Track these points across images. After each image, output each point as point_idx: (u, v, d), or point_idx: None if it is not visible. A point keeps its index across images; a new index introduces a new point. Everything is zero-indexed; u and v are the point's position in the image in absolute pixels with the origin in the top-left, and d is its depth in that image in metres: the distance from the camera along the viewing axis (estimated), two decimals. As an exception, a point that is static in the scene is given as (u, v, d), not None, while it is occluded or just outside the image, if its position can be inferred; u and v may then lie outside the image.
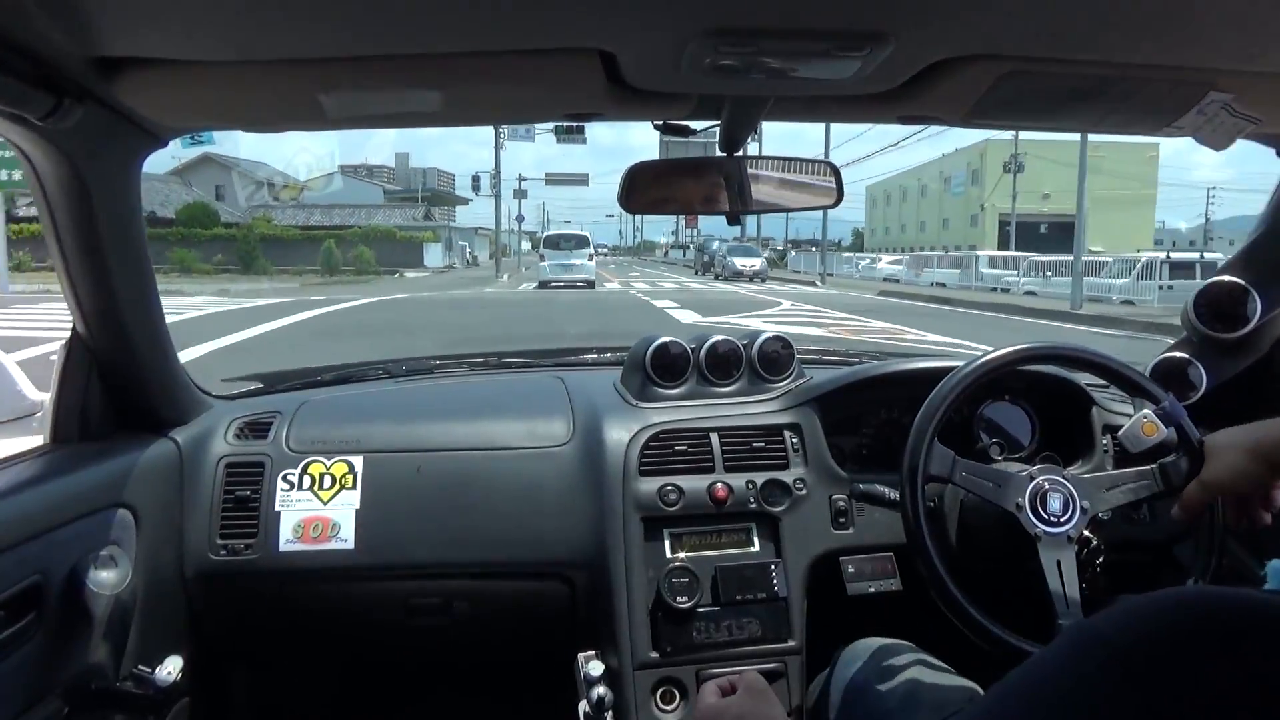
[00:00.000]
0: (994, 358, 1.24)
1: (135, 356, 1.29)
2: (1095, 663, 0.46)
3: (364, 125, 1.15)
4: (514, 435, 1.53)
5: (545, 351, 2.13)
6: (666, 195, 1.32)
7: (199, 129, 1.23)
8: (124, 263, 1.20)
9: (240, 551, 1.41)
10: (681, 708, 1.36)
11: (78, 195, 1.10)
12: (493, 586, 1.48)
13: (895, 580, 1.44)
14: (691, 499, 1.43)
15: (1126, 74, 0.96)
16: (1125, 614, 0.48)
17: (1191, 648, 0.44)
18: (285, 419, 1.53)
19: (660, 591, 1.36)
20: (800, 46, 0.85)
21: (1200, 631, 0.45)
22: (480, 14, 0.80)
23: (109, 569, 1.14)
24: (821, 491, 1.48)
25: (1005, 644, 1.11)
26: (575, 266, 23.17)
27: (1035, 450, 1.53)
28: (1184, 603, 0.47)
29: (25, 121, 0.94)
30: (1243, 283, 1.45)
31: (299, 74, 0.93)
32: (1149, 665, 0.44)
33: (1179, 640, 0.45)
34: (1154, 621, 0.46)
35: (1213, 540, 1.15)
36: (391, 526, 1.43)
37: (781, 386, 1.60)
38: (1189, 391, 1.46)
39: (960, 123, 1.16)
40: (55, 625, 1.07)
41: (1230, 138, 1.06)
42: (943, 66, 0.93)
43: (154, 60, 0.90)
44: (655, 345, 1.60)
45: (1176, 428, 1.14)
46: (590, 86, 0.98)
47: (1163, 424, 1.14)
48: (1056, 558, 1.14)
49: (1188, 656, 0.44)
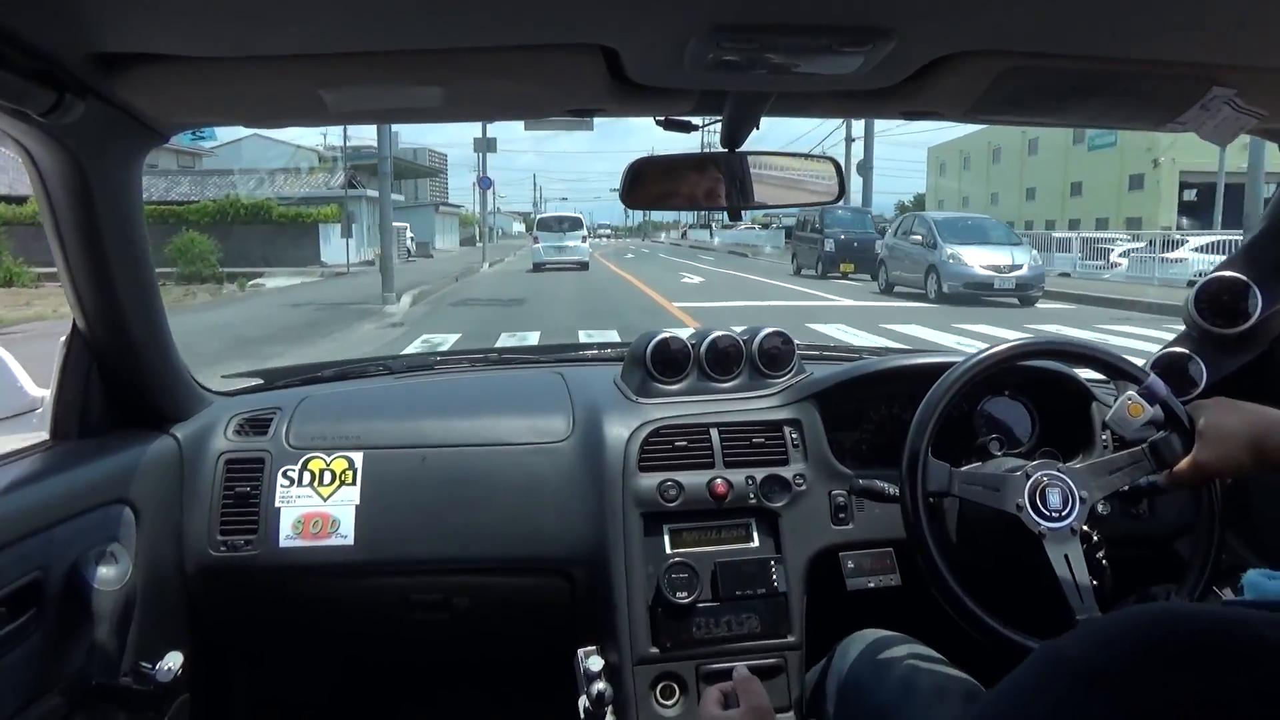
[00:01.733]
0: (992, 353, 1.24)
1: (135, 352, 1.29)
2: (1062, 683, 0.46)
3: (366, 120, 1.15)
4: (514, 431, 1.53)
5: (545, 347, 2.14)
6: (668, 190, 1.32)
7: (200, 125, 1.23)
8: (124, 258, 1.20)
9: (240, 548, 1.41)
10: (681, 703, 1.36)
11: (78, 191, 1.09)
12: (492, 582, 1.48)
13: (895, 575, 1.45)
14: (691, 494, 1.43)
15: (1129, 69, 0.95)
16: (1090, 634, 0.48)
17: (1157, 666, 0.44)
18: (285, 415, 1.53)
19: (660, 587, 1.36)
20: (803, 42, 0.85)
21: (1166, 649, 0.45)
22: (482, 9, 0.80)
23: (109, 565, 1.14)
24: (821, 487, 1.48)
25: (1005, 639, 1.11)
26: (569, 248, 23.04)
27: (1035, 445, 1.54)
28: (1149, 621, 0.47)
29: (26, 117, 0.93)
30: (1244, 278, 1.45)
31: (301, 70, 0.93)
32: (1115, 685, 0.44)
33: (1144, 659, 0.45)
34: (1119, 641, 0.47)
35: (1211, 533, 1.15)
36: (391, 522, 1.43)
37: (782, 382, 1.60)
38: (1189, 387, 1.46)
39: (962, 118, 1.15)
40: (55, 622, 1.07)
41: (1234, 133, 1.06)
42: (945, 62, 0.93)
43: (155, 56, 0.90)
44: (656, 341, 1.60)
45: (1162, 405, 1.14)
46: (592, 82, 0.98)
47: (1146, 403, 1.14)
48: (1064, 552, 1.14)
49: (1153, 675, 0.44)
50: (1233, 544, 1.30)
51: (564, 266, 22.49)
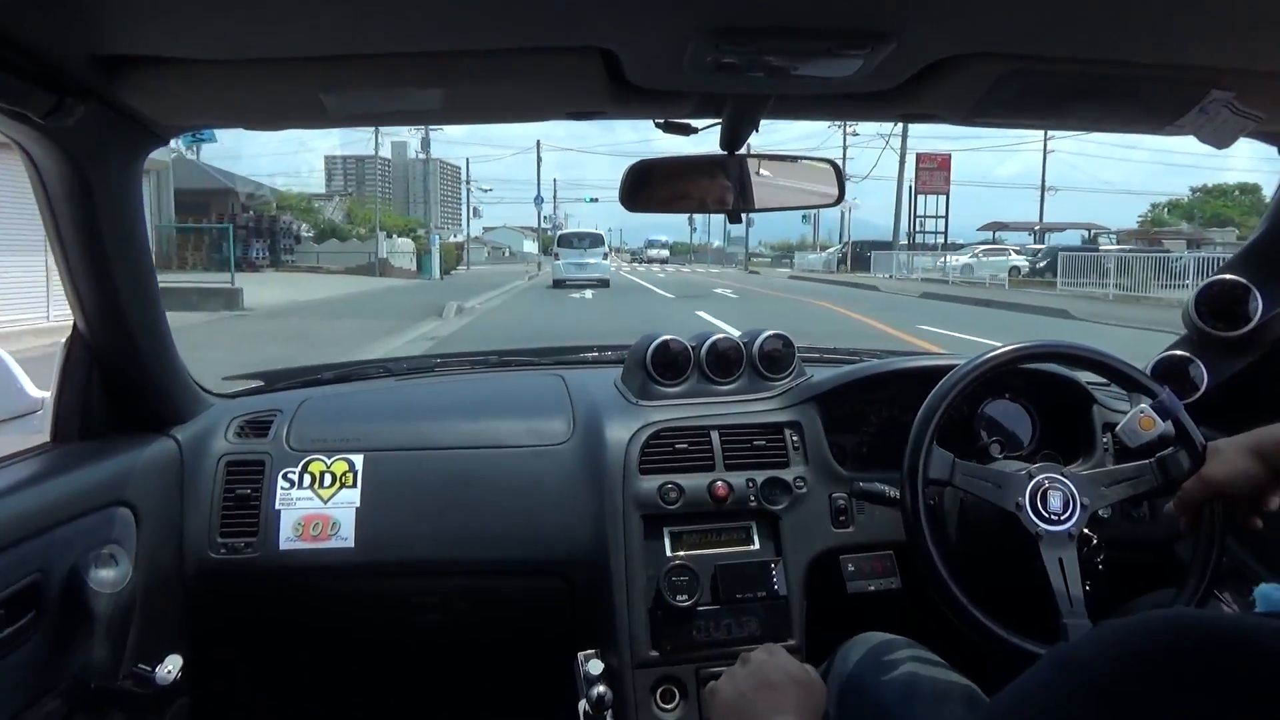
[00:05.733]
0: (994, 356, 1.24)
1: (136, 354, 1.29)
2: (1073, 689, 0.46)
3: (366, 123, 1.16)
4: (514, 433, 1.53)
5: (546, 350, 2.13)
6: (669, 193, 1.33)
7: (200, 127, 1.24)
8: (125, 261, 1.20)
9: (240, 550, 1.41)
10: (681, 706, 1.36)
11: (79, 193, 1.10)
12: (492, 585, 1.48)
13: (895, 579, 1.44)
14: (692, 497, 1.43)
15: (1128, 72, 0.95)
16: (1104, 639, 0.48)
17: (1169, 674, 0.44)
18: (286, 417, 1.53)
19: (660, 590, 1.36)
20: (802, 45, 0.85)
21: (1179, 658, 0.44)
22: (482, 12, 0.80)
23: (109, 567, 1.14)
24: (822, 490, 1.47)
25: (1005, 643, 1.11)
26: (589, 265, 23.12)
27: (1035, 448, 1.53)
28: (1163, 628, 0.47)
29: (26, 119, 0.94)
30: (1244, 281, 1.45)
31: (301, 72, 0.93)
32: (1127, 692, 0.44)
33: (1157, 667, 0.44)
34: (1132, 647, 0.46)
35: (1213, 539, 1.15)
36: (392, 525, 1.43)
37: (782, 385, 1.60)
38: (1190, 390, 1.46)
39: (962, 121, 1.15)
40: (55, 624, 1.07)
41: (1233, 136, 1.06)
42: (944, 65, 0.93)
43: (155, 58, 0.90)
44: (656, 343, 1.60)
45: (1174, 421, 1.14)
46: (592, 85, 0.98)
47: (1159, 417, 1.14)
48: (1059, 556, 1.14)
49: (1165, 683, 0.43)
50: (1233, 547, 1.30)
51: (585, 284, 22.45)
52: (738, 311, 15.24)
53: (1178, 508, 1.13)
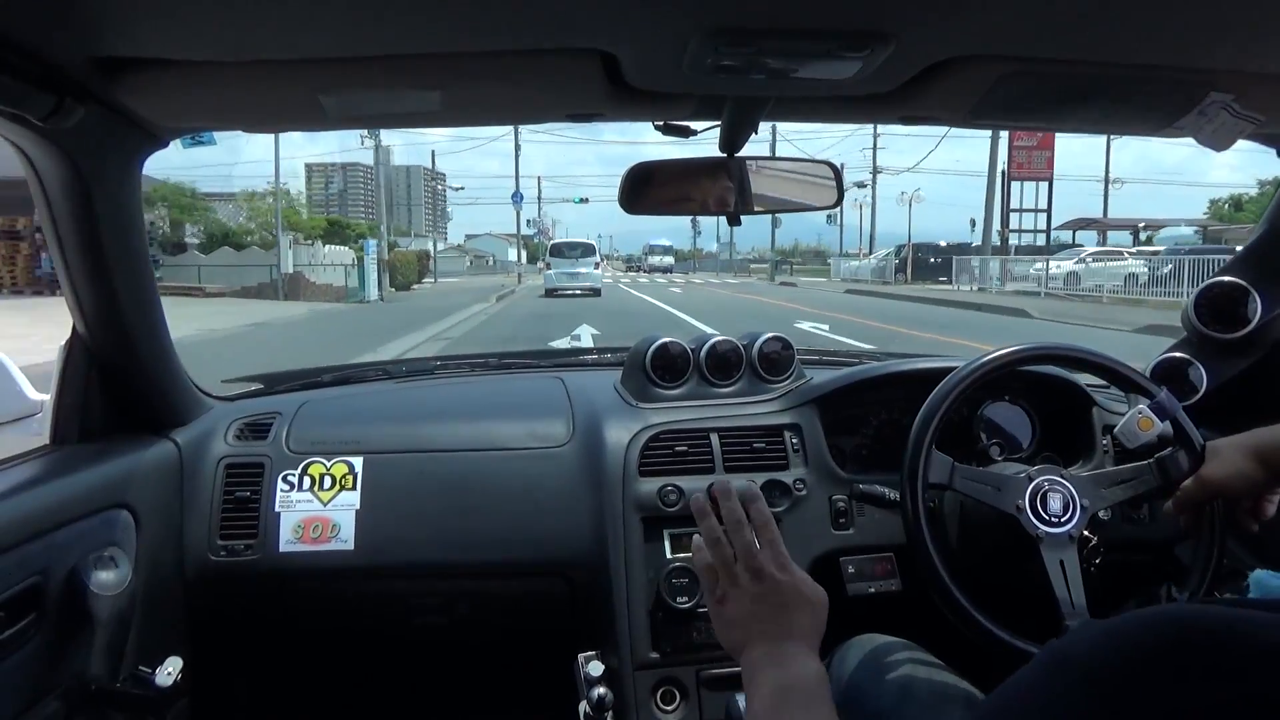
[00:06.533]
0: (993, 358, 1.24)
1: (135, 357, 1.29)
2: (1068, 684, 0.46)
3: (365, 125, 1.15)
4: (514, 436, 1.53)
5: (545, 352, 2.14)
6: (668, 196, 1.33)
7: (199, 129, 1.23)
8: (124, 263, 1.20)
9: (240, 552, 1.41)
10: (682, 708, 1.36)
11: (78, 195, 1.10)
12: (493, 587, 1.48)
13: (895, 581, 1.44)
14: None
15: (1127, 74, 0.96)
16: (1096, 635, 0.47)
17: (1163, 668, 0.44)
18: (285, 420, 1.53)
19: (660, 592, 1.36)
20: (801, 47, 0.85)
21: (1172, 652, 0.44)
22: (480, 14, 0.80)
23: (109, 570, 1.14)
24: (821, 492, 1.47)
25: (1005, 645, 1.10)
26: (581, 274, 23.12)
27: (1035, 450, 1.53)
28: (1156, 622, 0.47)
29: (26, 121, 0.94)
30: (1243, 283, 1.45)
31: (299, 74, 0.93)
32: (1120, 687, 0.44)
33: (1151, 661, 0.44)
34: (1125, 642, 0.46)
35: (1213, 539, 1.15)
36: (391, 527, 1.43)
37: (782, 387, 1.60)
38: (1189, 392, 1.46)
39: (961, 122, 1.16)
40: (55, 626, 1.07)
41: (1231, 138, 1.06)
42: (943, 67, 0.93)
43: (155, 60, 0.90)
44: (655, 346, 1.60)
45: (1172, 422, 1.14)
46: (591, 87, 0.98)
47: (1158, 418, 1.14)
48: (1059, 558, 1.14)
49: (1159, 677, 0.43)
50: (1234, 548, 1.30)
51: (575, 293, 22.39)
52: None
53: (1177, 508, 1.13)
